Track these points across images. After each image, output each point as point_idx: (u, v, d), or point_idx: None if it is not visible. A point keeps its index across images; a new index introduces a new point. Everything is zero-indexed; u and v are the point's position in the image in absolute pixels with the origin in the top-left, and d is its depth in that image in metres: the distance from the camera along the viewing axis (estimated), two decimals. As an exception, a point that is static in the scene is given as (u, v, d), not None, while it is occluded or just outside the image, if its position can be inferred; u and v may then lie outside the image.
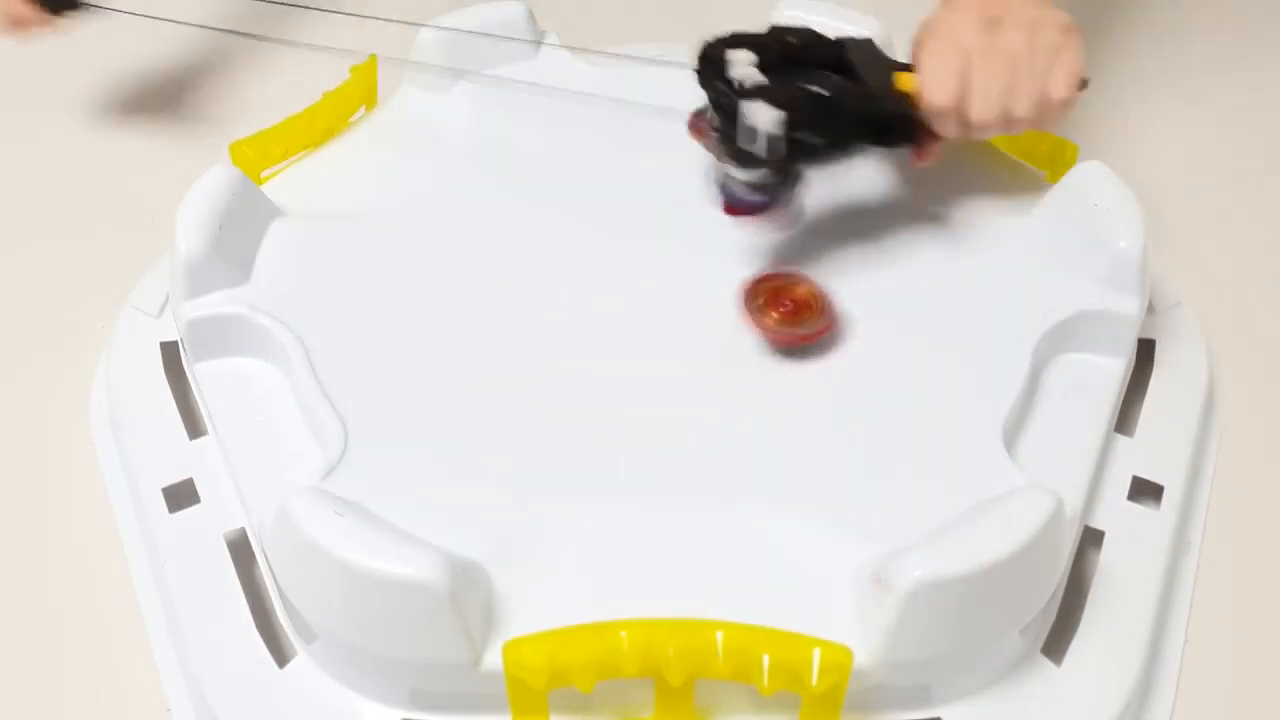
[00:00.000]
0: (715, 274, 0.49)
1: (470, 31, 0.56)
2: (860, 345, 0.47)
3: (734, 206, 0.46)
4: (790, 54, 0.45)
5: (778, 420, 0.44)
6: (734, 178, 0.45)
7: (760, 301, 0.46)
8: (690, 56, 0.48)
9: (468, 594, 0.37)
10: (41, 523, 0.48)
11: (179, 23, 0.70)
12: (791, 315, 0.46)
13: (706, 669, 0.36)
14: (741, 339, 0.47)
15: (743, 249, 0.50)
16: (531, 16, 0.58)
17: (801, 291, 0.47)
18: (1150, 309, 0.52)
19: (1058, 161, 0.53)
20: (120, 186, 0.62)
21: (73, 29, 0.63)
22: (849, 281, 0.49)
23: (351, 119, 0.56)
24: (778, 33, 0.45)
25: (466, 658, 0.37)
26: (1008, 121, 0.45)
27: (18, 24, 0.58)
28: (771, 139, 0.42)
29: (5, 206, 0.61)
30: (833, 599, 0.39)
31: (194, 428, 0.47)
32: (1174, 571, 0.45)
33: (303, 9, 0.71)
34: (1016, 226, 0.50)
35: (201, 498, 0.45)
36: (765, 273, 0.47)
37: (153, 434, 0.47)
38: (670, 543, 0.40)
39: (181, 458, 0.46)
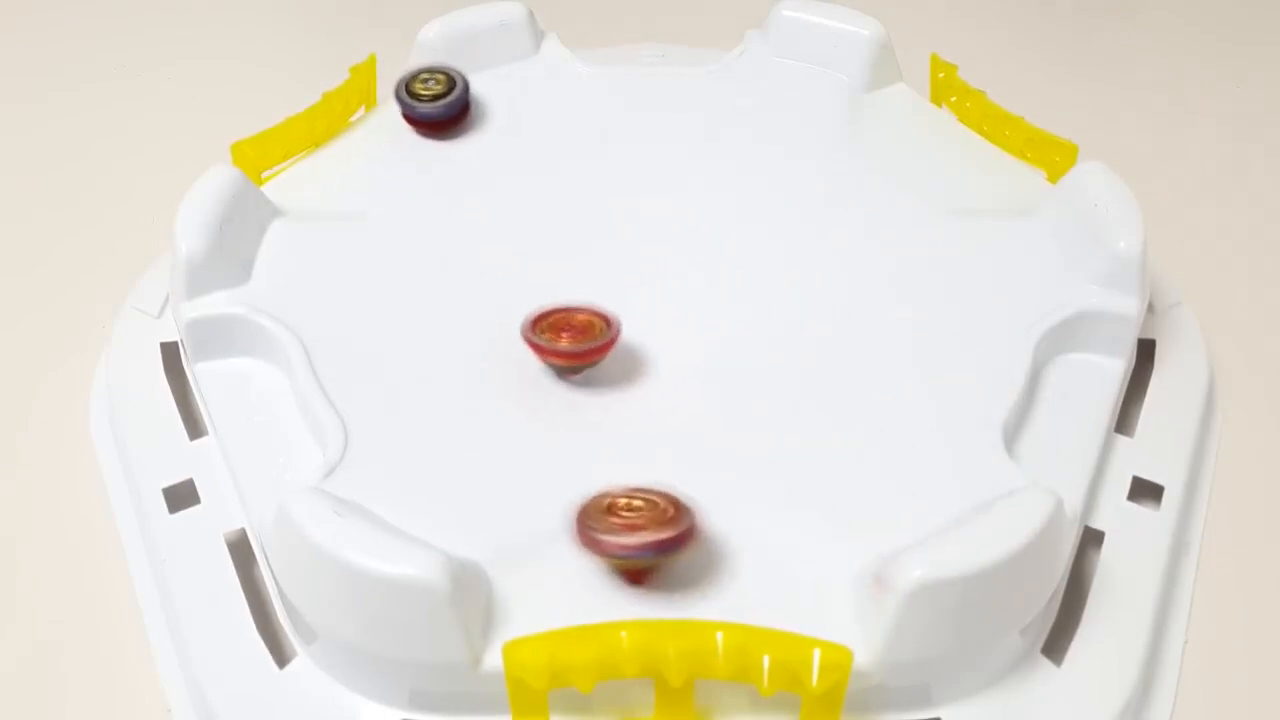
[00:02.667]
0: (720, 274, 0.49)
1: (470, 31, 0.57)
2: (859, 345, 0.47)
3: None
4: None
5: (777, 421, 0.44)
6: None
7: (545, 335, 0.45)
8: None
9: (468, 594, 0.37)
10: (41, 523, 0.48)
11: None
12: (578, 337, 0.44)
13: (706, 669, 0.36)
14: (747, 340, 0.47)
15: (748, 250, 0.50)
16: (531, 16, 0.58)
17: (581, 318, 0.45)
18: (1150, 309, 0.52)
19: (1058, 161, 0.53)
20: (120, 186, 0.62)
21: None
22: (847, 281, 0.49)
23: (351, 119, 0.56)
24: None
25: (466, 658, 0.37)
26: None
27: None
28: None
29: (4, 206, 0.61)
30: (833, 599, 0.39)
31: (194, 428, 0.47)
32: (1174, 571, 0.45)
33: (303, 8, 0.71)
34: (1016, 226, 0.50)
35: (201, 498, 0.45)
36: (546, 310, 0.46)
37: (153, 434, 0.47)
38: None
39: (181, 458, 0.46)
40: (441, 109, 0.53)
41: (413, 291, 0.48)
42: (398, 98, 0.53)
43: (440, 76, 0.53)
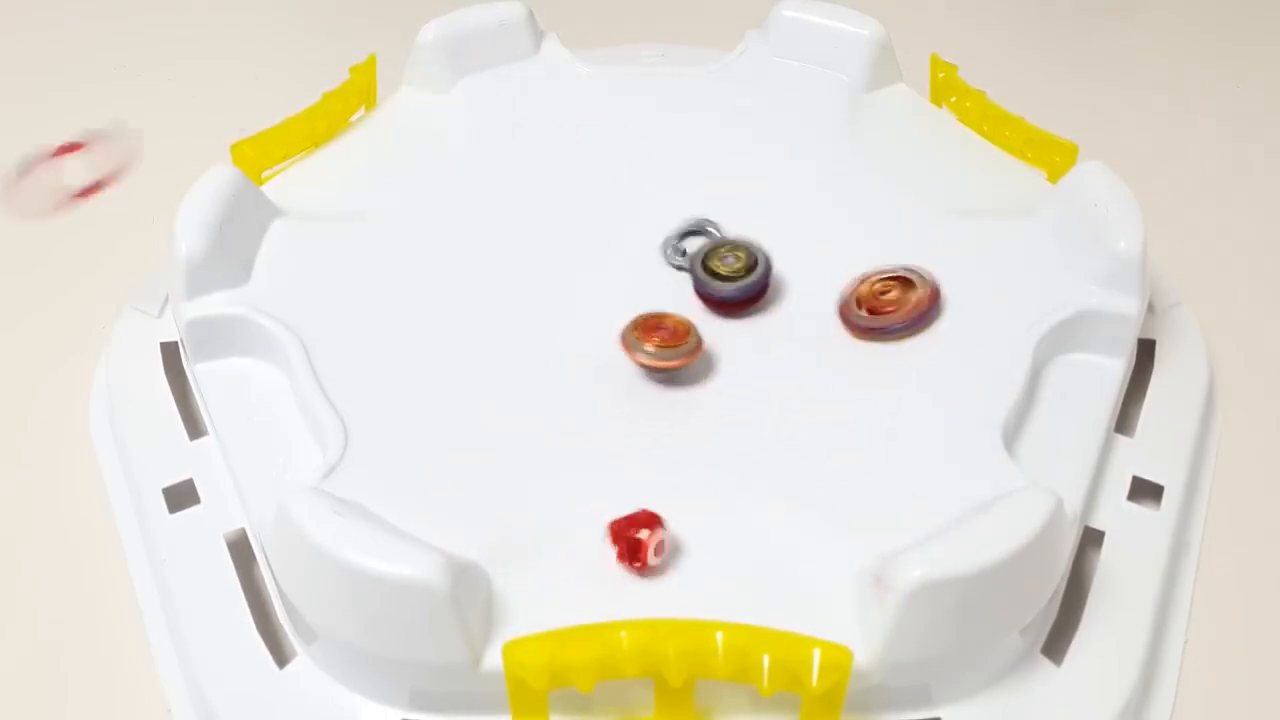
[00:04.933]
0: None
1: (470, 31, 0.57)
2: (859, 345, 0.47)
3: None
4: None
5: (777, 420, 0.44)
6: None
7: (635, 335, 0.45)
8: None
9: (468, 594, 0.37)
10: (41, 523, 0.48)
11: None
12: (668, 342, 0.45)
13: (706, 669, 0.36)
14: (747, 340, 0.47)
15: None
16: (531, 16, 0.58)
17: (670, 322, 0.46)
18: (1150, 309, 0.52)
19: (1058, 161, 0.53)
20: (120, 187, 0.62)
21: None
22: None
23: (351, 119, 0.56)
24: None
25: (466, 658, 0.37)
26: None
27: None
28: None
29: (4, 206, 0.61)
30: (833, 599, 0.39)
31: (194, 428, 0.47)
32: (1174, 571, 0.45)
33: (303, 8, 0.71)
34: (1016, 226, 0.50)
35: (201, 498, 0.45)
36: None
37: (153, 434, 0.47)
38: (671, 543, 0.40)
39: (181, 458, 0.46)
40: (739, 291, 0.47)
41: (412, 291, 0.48)
42: (692, 273, 0.48)
43: (741, 253, 0.48)
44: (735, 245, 0.48)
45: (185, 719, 0.41)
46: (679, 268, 0.49)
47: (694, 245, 0.49)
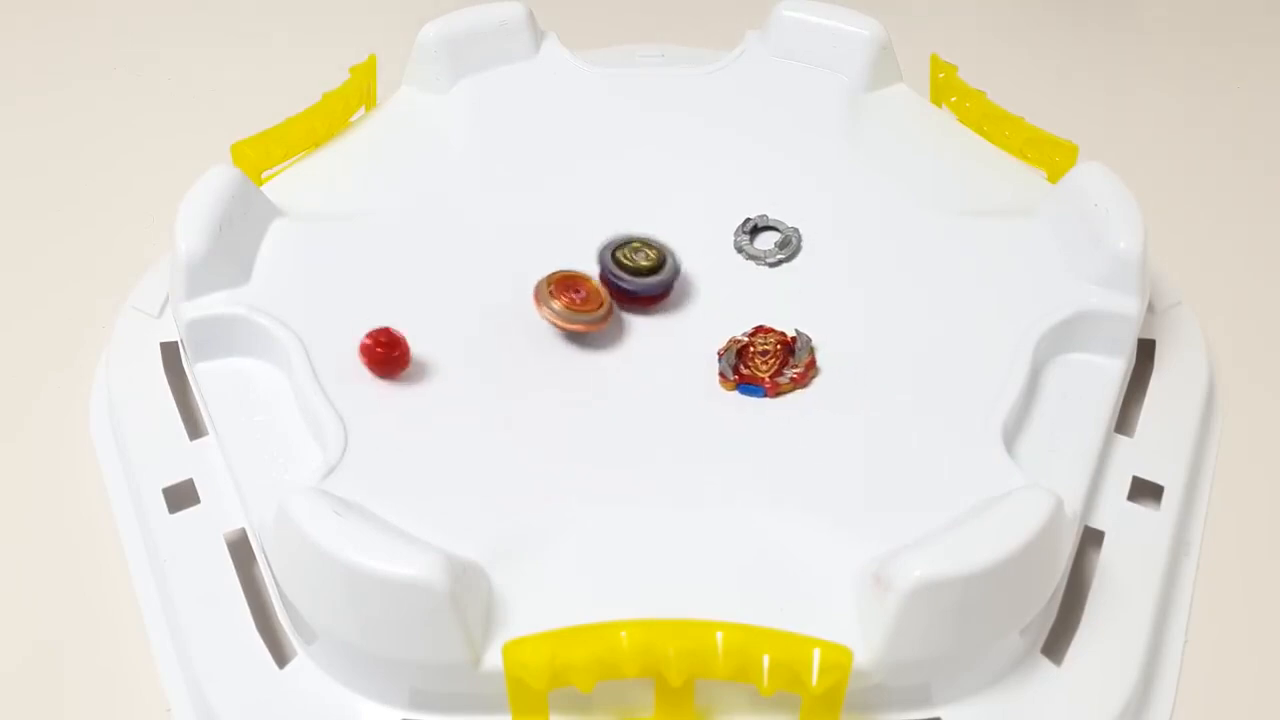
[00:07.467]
0: (718, 273, 0.49)
1: (470, 32, 0.57)
2: (860, 344, 0.47)
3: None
4: None
5: (777, 420, 0.44)
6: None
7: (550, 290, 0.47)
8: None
9: (468, 594, 0.37)
10: (41, 523, 0.48)
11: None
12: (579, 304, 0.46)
13: (706, 669, 0.36)
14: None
15: (745, 254, 0.50)
16: (531, 16, 0.58)
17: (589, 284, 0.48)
18: (1150, 309, 0.52)
19: (1058, 161, 0.53)
20: (120, 186, 0.62)
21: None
22: (849, 281, 0.49)
23: (351, 119, 0.56)
24: None
25: (466, 658, 0.37)
26: None
27: None
28: None
29: (4, 206, 0.61)
30: (833, 599, 0.39)
31: (194, 428, 0.47)
32: (1174, 571, 0.45)
33: (303, 8, 0.71)
34: (1016, 226, 0.50)
35: (201, 498, 0.45)
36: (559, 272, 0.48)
37: (153, 434, 0.47)
38: (670, 543, 0.40)
39: (181, 458, 0.46)
40: (652, 285, 0.48)
41: (412, 291, 0.48)
42: (601, 263, 0.48)
43: (651, 251, 0.48)
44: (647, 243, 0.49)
45: (185, 719, 0.42)
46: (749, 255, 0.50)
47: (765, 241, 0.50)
